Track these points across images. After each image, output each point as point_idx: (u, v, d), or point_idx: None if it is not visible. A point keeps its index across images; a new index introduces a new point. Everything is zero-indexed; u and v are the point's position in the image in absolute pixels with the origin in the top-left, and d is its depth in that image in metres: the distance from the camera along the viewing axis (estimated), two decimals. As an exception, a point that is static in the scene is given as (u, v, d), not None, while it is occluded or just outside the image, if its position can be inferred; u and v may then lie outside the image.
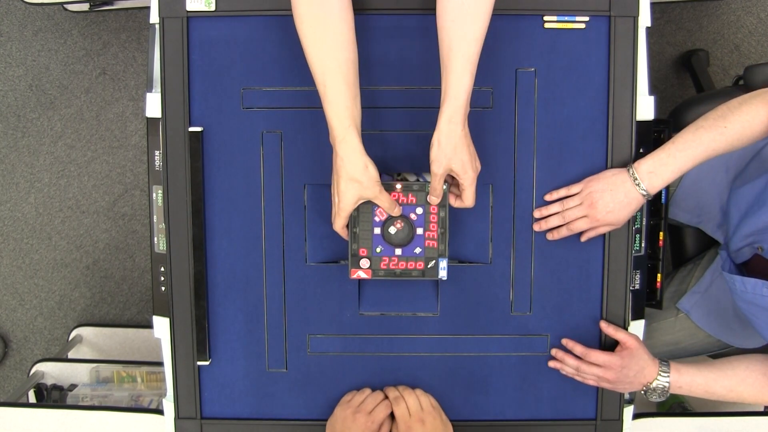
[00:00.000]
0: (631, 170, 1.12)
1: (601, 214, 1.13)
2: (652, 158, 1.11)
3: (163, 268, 1.24)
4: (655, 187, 1.11)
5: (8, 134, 2.21)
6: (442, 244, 1.18)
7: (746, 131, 1.08)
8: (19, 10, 2.18)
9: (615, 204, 1.12)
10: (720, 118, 1.09)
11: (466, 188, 1.08)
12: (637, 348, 1.17)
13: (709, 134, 1.08)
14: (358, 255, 1.20)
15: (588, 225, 1.15)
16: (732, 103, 1.10)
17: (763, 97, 1.08)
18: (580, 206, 1.15)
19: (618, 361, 1.16)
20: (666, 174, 1.10)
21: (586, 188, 1.15)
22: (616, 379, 1.17)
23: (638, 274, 1.24)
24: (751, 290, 1.19)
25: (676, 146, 1.10)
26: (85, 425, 1.45)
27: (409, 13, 1.17)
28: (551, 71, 1.18)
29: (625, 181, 1.12)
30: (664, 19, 2.13)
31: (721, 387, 1.16)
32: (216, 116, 1.20)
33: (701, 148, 1.08)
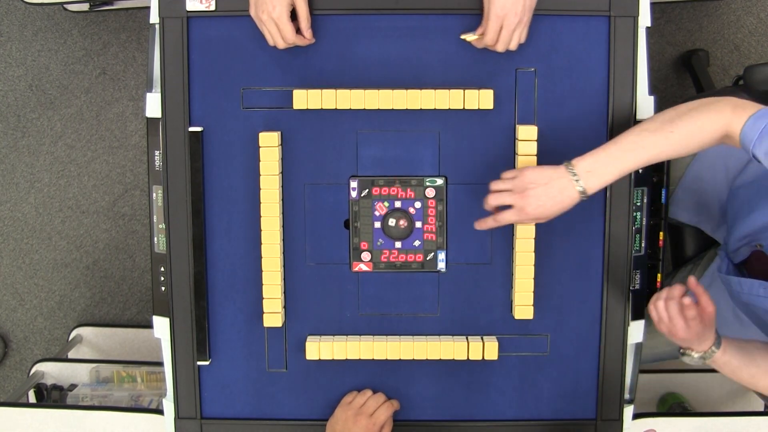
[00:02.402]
0: (569, 167, 1.06)
1: (530, 207, 1.06)
2: (592, 157, 1.05)
3: (163, 268, 1.24)
4: (592, 187, 1.05)
5: (8, 134, 2.21)
6: (441, 236, 1.20)
7: (694, 138, 1.03)
8: (19, 10, 2.18)
9: (547, 199, 1.06)
10: (667, 123, 1.03)
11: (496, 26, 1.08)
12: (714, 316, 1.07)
13: (653, 138, 1.03)
14: (359, 248, 1.21)
15: (515, 217, 1.07)
16: (682, 107, 1.05)
17: (715, 106, 1.02)
18: (511, 194, 1.08)
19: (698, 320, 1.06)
20: (605, 175, 1.05)
21: (521, 176, 1.07)
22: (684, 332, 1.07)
23: (638, 274, 1.24)
24: (747, 291, 1.18)
25: (618, 147, 1.04)
26: (85, 425, 1.45)
27: (409, 13, 1.17)
28: (551, 71, 1.18)
29: (562, 176, 1.05)
30: (664, 19, 2.13)
31: (747, 373, 1.12)
32: (216, 116, 1.20)
33: (643, 152, 1.03)
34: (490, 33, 1.11)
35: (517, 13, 1.08)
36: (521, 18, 1.09)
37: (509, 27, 1.09)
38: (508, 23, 1.09)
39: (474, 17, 1.17)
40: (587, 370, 1.24)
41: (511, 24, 1.09)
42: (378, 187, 1.21)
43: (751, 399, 1.78)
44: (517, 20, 1.09)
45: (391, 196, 1.21)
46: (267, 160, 1.18)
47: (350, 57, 1.19)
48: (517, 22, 1.09)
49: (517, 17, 1.09)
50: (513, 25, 1.09)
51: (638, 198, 1.23)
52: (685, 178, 1.40)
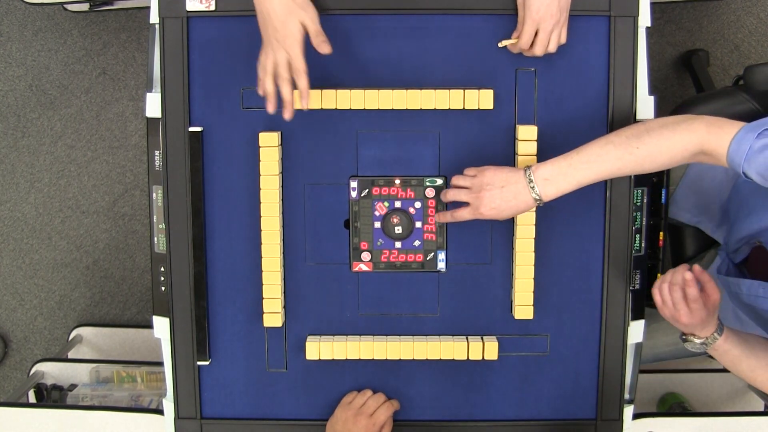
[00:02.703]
0: (528, 172, 1.06)
1: (484, 208, 1.07)
2: (552, 165, 1.05)
3: (163, 268, 1.24)
4: (548, 195, 1.05)
5: (8, 134, 2.21)
6: (441, 237, 1.20)
7: (661, 155, 1.02)
8: (19, 10, 2.18)
9: (501, 201, 1.07)
10: (634, 138, 1.02)
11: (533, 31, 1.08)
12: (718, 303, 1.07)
13: (617, 152, 1.02)
14: (359, 248, 1.21)
15: (470, 216, 1.09)
16: (654, 123, 1.03)
17: (689, 124, 1.01)
18: (468, 192, 1.10)
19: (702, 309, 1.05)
20: (562, 184, 1.05)
21: (480, 176, 1.09)
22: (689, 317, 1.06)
23: (638, 274, 1.24)
24: (747, 291, 1.18)
25: (580, 158, 1.04)
26: (85, 425, 1.45)
27: (409, 13, 1.17)
28: (551, 71, 1.18)
29: (519, 181, 1.06)
30: (664, 19, 2.13)
31: (746, 365, 1.12)
32: (216, 116, 1.20)
33: (605, 166, 1.03)
34: (525, 37, 1.10)
35: (552, 15, 1.07)
36: (558, 19, 1.08)
37: (546, 30, 1.09)
38: (544, 26, 1.08)
39: (474, 17, 1.17)
40: (587, 370, 1.24)
41: (547, 27, 1.09)
42: (378, 187, 1.21)
43: (751, 399, 1.78)
44: (554, 21, 1.08)
45: (391, 196, 1.21)
46: (267, 160, 1.18)
47: (350, 57, 1.19)
48: (554, 23, 1.08)
49: (553, 18, 1.08)
50: (550, 27, 1.09)
51: (638, 198, 1.23)
52: (685, 178, 1.40)
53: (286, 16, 1.06)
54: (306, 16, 1.07)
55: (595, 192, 1.20)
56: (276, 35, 1.07)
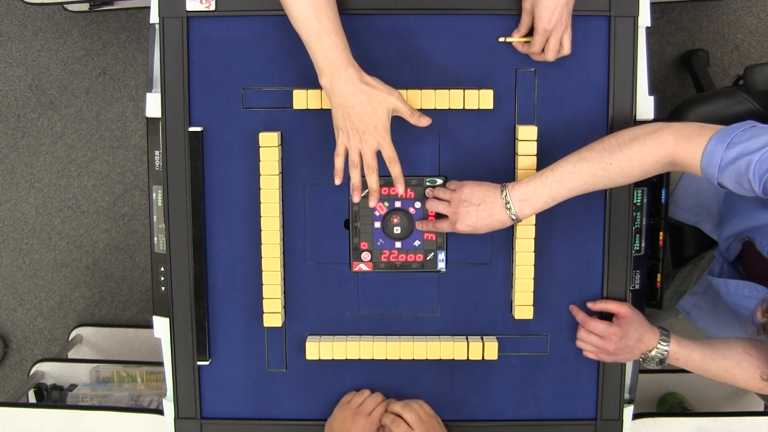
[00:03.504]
0: (504, 192, 1.08)
1: (460, 223, 1.10)
2: (527, 185, 1.07)
3: (163, 268, 1.24)
4: (524, 214, 1.08)
5: (8, 134, 2.21)
6: (441, 237, 1.20)
7: (633, 169, 1.03)
8: (19, 10, 2.18)
9: (477, 219, 1.09)
10: (606, 152, 1.03)
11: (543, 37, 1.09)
12: (632, 315, 1.16)
13: (590, 168, 1.03)
14: (359, 248, 1.21)
15: (448, 228, 1.13)
16: (623, 136, 1.04)
17: (657, 136, 1.01)
18: (447, 205, 1.13)
19: (617, 330, 1.15)
20: (537, 203, 1.06)
21: (459, 191, 1.12)
22: (616, 350, 1.16)
23: (638, 274, 1.24)
24: (734, 292, 1.19)
25: (554, 175, 1.05)
26: (85, 425, 1.45)
27: (409, 13, 1.17)
28: (551, 71, 1.18)
29: (496, 201, 1.08)
30: (664, 19, 2.13)
31: (716, 366, 1.14)
32: (216, 116, 1.20)
33: (580, 181, 1.04)
34: (537, 45, 1.11)
35: (563, 21, 1.08)
36: (567, 24, 1.10)
37: (557, 36, 1.10)
38: (556, 33, 1.09)
39: (474, 17, 1.17)
40: (587, 370, 1.24)
41: (558, 33, 1.10)
42: (378, 187, 1.20)
43: (751, 399, 1.78)
44: (563, 27, 1.09)
45: (391, 196, 1.21)
46: (267, 160, 1.18)
47: (350, 57, 1.18)
48: (563, 29, 1.10)
49: (563, 24, 1.09)
50: (560, 33, 1.10)
51: (638, 198, 1.23)
52: (685, 178, 1.40)
53: (376, 106, 1.05)
54: (395, 101, 1.06)
55: (595, 192, 1.20)
56: (363, 126, 1.05)
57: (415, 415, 1.19)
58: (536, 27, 1.10)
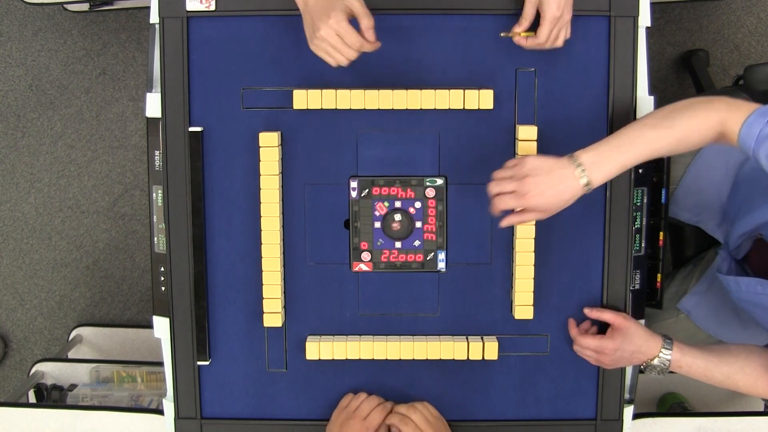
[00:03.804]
0: (573, 158, 1.03)
1: (530, 194, 1.02)
2: (595, 150, 1.04)
3: (163, 268, 1.24)
4: (596, 179, 1.03)
5: (8, 134, 2.21)
6: (441, 236, 1.20)
7: (692, 135, 1.03)
8: (19, 10, 2.18)
9: (547, 188, 1.02)
10: (667, 118, 1.04)
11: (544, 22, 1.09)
12: (627, 327, 1.16)
13: (654, 132, 1.03)
14: (359, 249, 1.21)
15: (515, 202, 1.04)
16: (679, 104, 1.05)
17: (711, 104, 1.03)
18: (511, 180, 1.04)
19: (610, 344, 1.15)
20: (608, 167, 1.03)
21: (522, 163, 1.04)
22: (611, 362, 1.16)
23: (638, 274, 1.24)
24: (745, 289, 1.18)
25: (620, 140, 1.04)
26: (85, 425, 1.45)
27: (409, 13, 1.17)
28: (551, 71, 1.18)
29: (565, 167, 1.03)
30: (664, 19, 2.13)
31: (719, 373, 1.14)
32: (216, 116, 1.20)
33: (645, 146, 1.03)
34: (545, 34, 1.10)
35: (569, 10, 1.09)
36: (570, 14, 1.11)
37: (562, 24, 1.11)
38: (562, 21, 1.10)
39: (474, 17, 1.17)
40: (587, 370, 1.24)
41: (565, 20, 1.10)
42: (378, 187, 1.21)
43: (751, 399, 1.78)
44: (570, 15, 1.11)
45: (391, 196, 1.21)
46: (267, 160, 1.18)
47: (350, 57, 1.19)
48: (568, 19, 1.11)
49: (569, 13, 1.10)
50: (567, 21, 1.11)
51: (638, 198, 1.23)
52: (685, 178, 1.40)
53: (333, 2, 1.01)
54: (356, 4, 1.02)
55: (595, 192, 1.20)
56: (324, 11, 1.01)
57: (422, 416, 1.19)
58: (545, 16, 1.09)
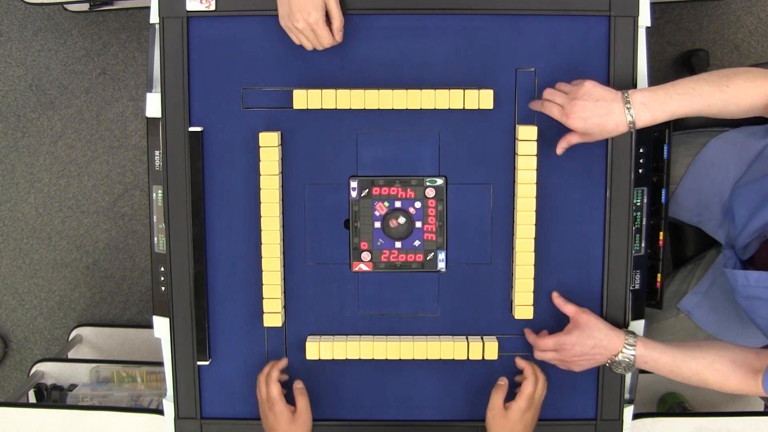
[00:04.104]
0: (626, 94, 1.07)
1: (574, 114, 1.07)
2: (649, 92, 1.07)
3: (163, 268, 1.24)
4: (641, 119, 1.06)
5: (8, 134, 2.21)
6: (441, 236, 1.20)
7: (745, 98, 1.06)
8: (19, 10, 2.18)
9: (592, 114, 1.06)
10: (724, 77, 1.07)
11: None
12: (587, 320, 1.16)
13: (709, 88, 1.06)
14: (359, 248, 1.21)
15: (558, 115, 1.10)
16: (738, 69, 1.08)
17: (766, 73, 1.07)
18: (564, 96, 1.10)
19: (567, 339, 1.15)
20: (657, 111, 1.06)
21: (579, 85, 1.09)
22: (572, 359, 1.16)
23: (638, 274, 1.24)
24: (755, 283, 1.18)
25: (675, 89, 1.07)
26: (85, 425, 1.45)
27: (409, 13, 1.17)
28: (551, 71, 1.18)
29: (616, 100, 1.07)
30: (664, 19, 2.13)
31: (687, 369, 1.13)
32: (216, 116, 1.20)
33: (698, 99, 1.06)
34: None
35: None
36: None
37: None
38: None
39: (474, 17, 1.17)
40: (587, 370, 1.24)
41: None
42: (378, 187, 1.21)
43: (751, 399, 1.78)
44: None
45: (391, 196, 1.21)
46: (267, 160, 1.18)
47: (350, 57, 1.19)
48: None
49: None
50: None
51: (638, 198, 1.23)
52: (686, 178, 1.40)
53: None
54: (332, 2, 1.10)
55: (595, 191, 1.20)
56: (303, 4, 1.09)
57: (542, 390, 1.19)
58: None
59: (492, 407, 1.18)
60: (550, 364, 1.21)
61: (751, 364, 1.11)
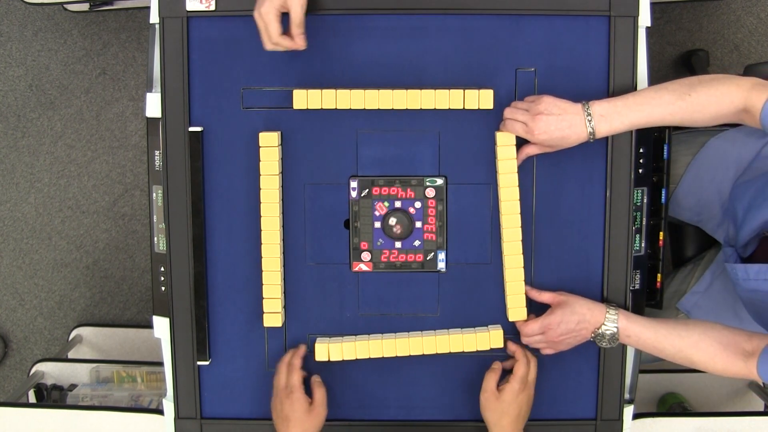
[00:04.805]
0: (586, 106, 1.10)
1: (537, 130, 1.10)
2: (609, 103, 1.09)
3: (163, 268, 1.24)
4: (600, 131, 1.09)
5: (8, 134, 2.21)
6: (441, 236, 1.20)
7: (710, 107, 1.06)
8: (19, 10, 2.19)
9: (555, 129, 1.10)
10: (686, 86, 1.07)
11: None
12: (567, 299, 1.16)
13: (670, 97, 1.07)
14: (359, 248, 1.21)
15: (522, 132, 1.13)
16: (704, 77, 1.08)
17: (737, 80, 1.06)
18: (524, 113, 1.13)
19: (552, 318, 1.15)
20: (615, 122, 1.09)
21: (538, 101, 1.12)
22: (559, 338, 1.16)
23: (638, 274, 1.24)
24: (755, 276, 1.17)
25: (635, 99, 1.08)
26: (85, 425, 1.45)
27: (408, 13, 1.17)
28: (551, 71, 1.18)
29: (577, 113, 1.10)
30: (664, 19, 2.13)
31: (670, 345, 1.12)
32: (216, 116, 1.20)
33: (658, 110, 1.07)
34: None
35: None
36: None
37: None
38: None
39: (474, 17, 1.17)
40: (587, 370, 1.24)
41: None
42: (378, 187, 1.21)
43: (751, 399, 1.78)
44: None
45: (391, 196, 1.21)
46: (267, 160, 1.18)
47: (350, 57, 1.19)
48: None
49: None
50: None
51: (638, 198, 1.23)
52: (685, 177, 1.40)
53: None
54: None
55: (595, 192, 1.20)
56: None
57: (534, 372, 1.19)
58: None
59: (485, 389, 1.18)
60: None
61: (740, 346, 1.09)
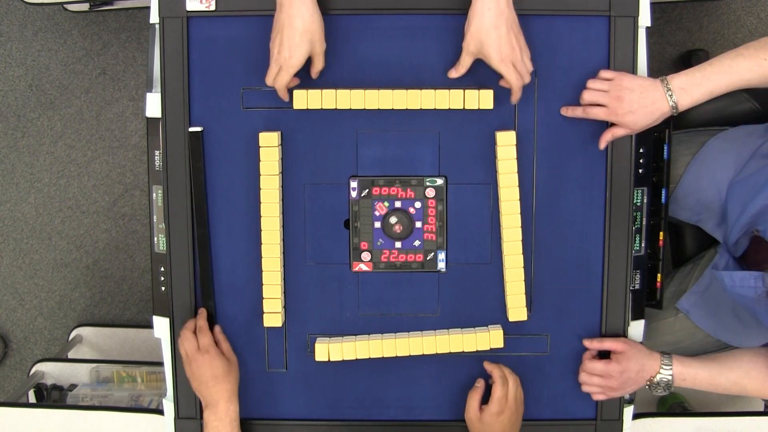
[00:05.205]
0: (664, 81, 1.11)
1: (622, 110, 1.11)
2: (687, 76, 1.10)
3: (163, 268, 1.24)
4: (683, 104, 1.10)
5: (8, 134, 2.21)
6: (441, 236, 1.20)
7: None
8: (19, 10, 2.18)
9: (639, 107, 1.10)
10: (761, 50, 1.08)
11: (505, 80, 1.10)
12: (629, 349, 1.18)
13: (747, 63, 1.08)
14: (359, 249, 1.21)
15: (605, 116, 1.13)
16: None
17: None
18: (606, 94, 1.13)
19: (616, 367, 1.17)
20: (696, 93, 1.10)
21: (618, 79, 1.12)
22: (619, 386, 1.17)
23: (638, 274, 1.24)
24: (740, 283, 1.19)
25: (713, 69, 1.09)
26: (85, 425, 1.45)
27: (409, 13, 1.17)
28: (551, 71, 1.18)
29: (657, 89, 1.10)
30: (664, 19, 2.13)
31: (725, 380, 1.16)
32: (216, 116, 1.20)
33: (736, 76, 1.08)
34: (513, 79, 1.10)
35: (513, 47, 1.08)
36: (521, 46, 1.10)
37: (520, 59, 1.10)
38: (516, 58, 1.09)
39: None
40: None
41: (518, 56, 1.09)
42: (378, 187, 1.21)
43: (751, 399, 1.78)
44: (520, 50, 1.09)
45: (391, 196, 1.21)
46: (267, 160, 1.18)
47: (350, 57, 1.19)
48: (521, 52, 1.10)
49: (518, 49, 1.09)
50: (519, 57, 1.10)
51: (638, 198, 1.23)
52: (685, 177, 1.40)
53: (302, 35, 1.07)
54: (319, 49, 1.10)
55: (595, 192, 1.20)
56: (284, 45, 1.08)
57: (514, 389, 1.18)
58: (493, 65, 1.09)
59: (468, 410, 1.19)
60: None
61: None
